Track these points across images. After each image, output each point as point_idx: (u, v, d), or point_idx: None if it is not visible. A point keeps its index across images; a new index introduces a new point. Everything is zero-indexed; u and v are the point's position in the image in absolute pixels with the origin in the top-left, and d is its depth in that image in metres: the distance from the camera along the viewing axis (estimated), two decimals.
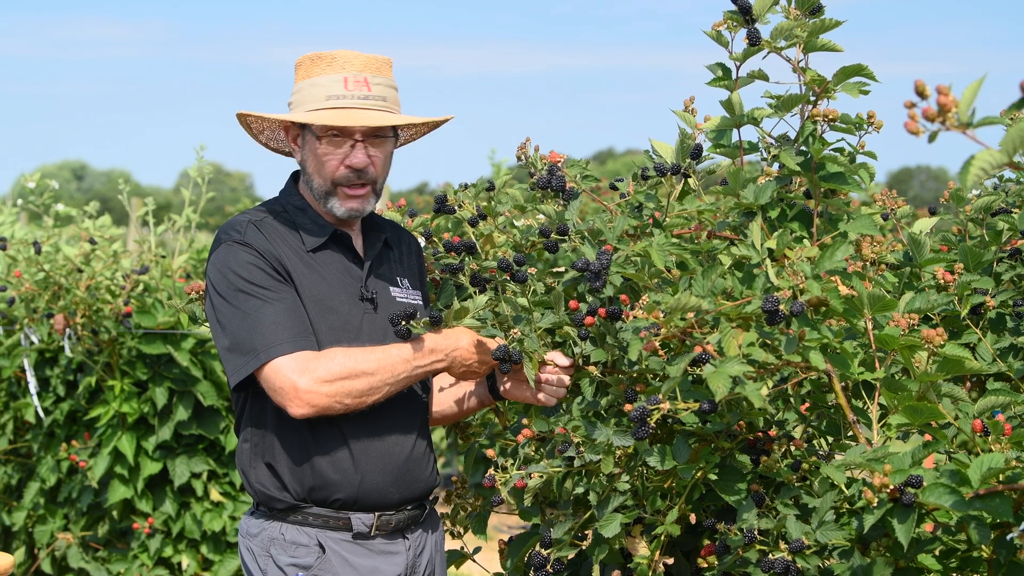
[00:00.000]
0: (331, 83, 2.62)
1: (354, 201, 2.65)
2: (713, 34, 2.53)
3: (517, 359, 2.53)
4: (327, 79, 2.63)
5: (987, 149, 1.50)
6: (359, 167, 2.62)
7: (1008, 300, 2.68)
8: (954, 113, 1.49)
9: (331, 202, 2.64)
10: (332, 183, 2.63)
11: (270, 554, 2.61)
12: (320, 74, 2.64)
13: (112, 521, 5.10)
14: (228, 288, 2.56)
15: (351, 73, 2.63)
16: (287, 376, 2.48)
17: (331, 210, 2.65)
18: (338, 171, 2.62)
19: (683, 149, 2.60)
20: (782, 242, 2.30)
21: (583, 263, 2.45)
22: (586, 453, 2.36)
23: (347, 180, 2.63)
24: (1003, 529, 2.00)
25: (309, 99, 2.63)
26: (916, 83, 1.49)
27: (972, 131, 1.49)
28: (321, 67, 2.65)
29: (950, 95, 1.48)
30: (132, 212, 5.64)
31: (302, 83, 2.66)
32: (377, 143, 2.64)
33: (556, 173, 2.71)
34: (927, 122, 1.50)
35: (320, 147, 2.62)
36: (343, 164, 2.62)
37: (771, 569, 2.10)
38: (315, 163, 2.64)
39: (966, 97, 1.50)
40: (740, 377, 2.09)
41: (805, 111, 2.52)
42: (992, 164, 1.51)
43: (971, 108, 1.50)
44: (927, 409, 2.11)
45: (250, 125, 2.80)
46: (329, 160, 2.62)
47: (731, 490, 2.29)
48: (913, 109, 1.50)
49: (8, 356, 5.23)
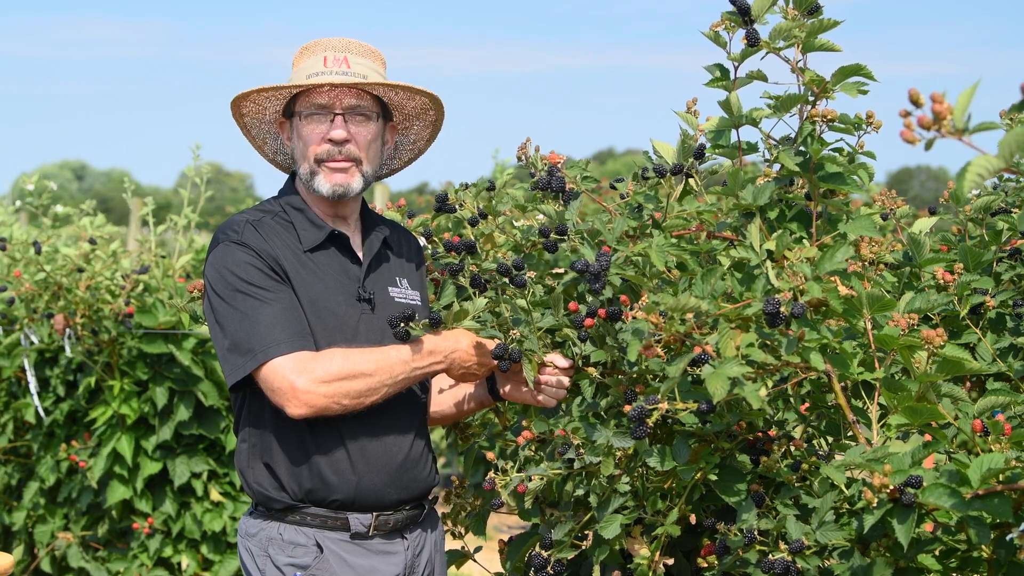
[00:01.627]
0: (312, 63, 2.67)
1: (338, 175, 2.64)
2: (711, 35, 2.52)
3: (516, 357, 2.53)
4: (309, 61, 2.69)
5: (984, 154, 1.50)
6: (339, 139, 2.63)
7: (1008, 300, 2.67)
8: (949, 120, 1.48)
9: (316, 181, 2.65)
10: (315, 160, 2.64)
11: (268, 554, 2.61)
12: (304, 60, 2.70)
13: (112, 521, 5.10)
14: (226, 288, 2.56)
15: (331, 53, 2.68)
16: (285, 376, 2.48)
17: (318, 189, 2.65)
18: (320, 146, 2.63)
19: (685, 150, 2.60)
20: (781, 243, 2.30)
21: (582, 264, 2.45)
22: (586, 455, 2.36)
23: (328, 154, 2.63)
24: (1003, 529, 2.00)
25: (293, 82, 2.68)
26: (910, 92, 1.49)
27: (968, 137, 1.49)
28: (307, 54, 2.70)
29: (944, 103, 1.48)
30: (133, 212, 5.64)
31: (293, 71, 2.72)
32: (359, 120, 2.66)
33: (556, 174, 2.71)
34: (923, 130, 1.50)
35: (303, 126, 2.64)
36: (323, 139, 2.63)
37: (771, 569, 2.10)
38: (300, 147, 2.66)
39: (960, 104, 1.49)
40: (739, 378, 2.09)
41: (804, 111, 2.51)
42: (989, 169, 1.50)
43: (966, 114, 1.49)
44: (927, 409, 2.11)
45: (252, 135, 2.81)
46: (311, 137, 2.64)
47: (731, 491, 2.28)
48: (908, 118, 1.50)
49: (8, 356, 5.23)
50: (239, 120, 2.78)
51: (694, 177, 2.60)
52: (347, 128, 2.63)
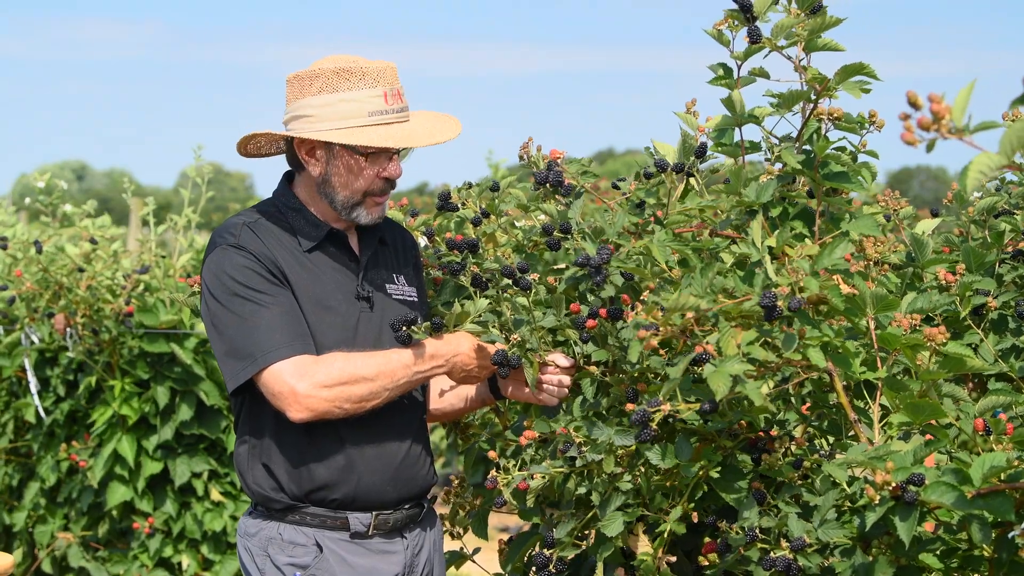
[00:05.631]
0: (369, 98, 2.58)
1: (378, 208, 2.67)
2: (714, 33, 2.52)
3: (516, 364, 2.53)
4: (363, 94, 2.58)
5: (985, 152, 1.50)
6: (396, 177, 2.64)
7: (1010, 301, 2.68)
8: (948, 120, 1.48)
9: (357, 212, 2.64)
10: (364, 194, 2.63)
11: (268, 554, 2.61)
12: (350, 88, 2.57)
13: (112, 521, 5.09)
14: (224, 292, 2.55)
15: (387, 87, 2.61)
16: (286, 381, 2.47)
17: (356, 219, 2.65)
18: (373, 183, 2.62)
19: (686, 149, 2.60)
20: (782, 239, 2.30)
21: (584, 258, 2.46)
22: (588, 453, 2.36)
23: (381, 191, 2.64)
24: (1004, 528, 2.00)
25: (346, 115, 2.57)
26: (908, 94, 1.49)
27: (969, 136, 1.49)
28: (353, 81, 2.58)
29: (942, 103, 1.48)
30: (133, 212, 5.64)
31: (328, 97, 2.57)
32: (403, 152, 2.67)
33: (554, 168, 2.72)
34: (923, 132, 1.50)
35: (359, 162, 2.60)
36: (378, 176, 2.62)
37: (773, 567, 2.10)
38: (346, 176, 2.61)
39: (959, 103, 1.49)
40: (740, 376, 2.08)
41: (807, 109, 2.51)
42: (991, 167, 1.50)
43: (965, 113, 1.49)
44: (929, 405, 2.10)
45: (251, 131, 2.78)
46: (367, 173, 2.61)
47: (732, 489, 2.28)
48: (908, 120, 1.50)
49: (8, 356, 5.22)
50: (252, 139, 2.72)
51: (695, 176, 2.60)
52: (399, 162, 2.65)
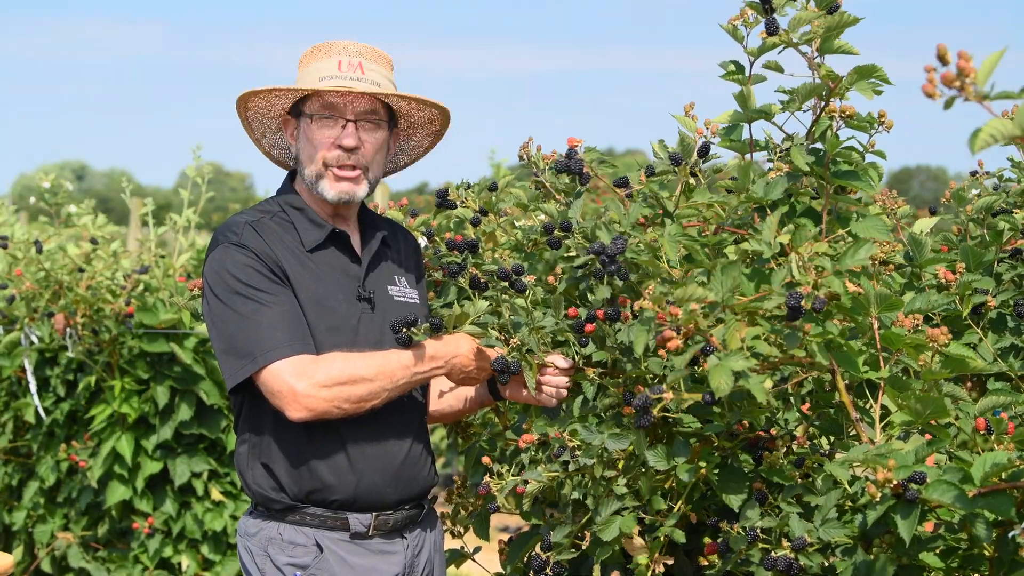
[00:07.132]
0: (325, 66, 2.65)
1: (344, 183, 2.63)
2: (729, 28, 2.49)
3: (516, 370, 2.53)
4: (322, 63, 2.66)
5: (998, 118, 1.48)
6: (349, 146, 2.61)
7: (1009, 300, 2.68)
8: (972, 80, 1.46)
9: (321, 185, 2.63)
10: (323, 164, 2.62)
11: (268, 554, 2.61)
12: (316, 61, 2.67)
13: (112, 521, 5.09)
14: (225, 291, 2.54)
15: (345, 57, 2.65)
16: (285, 380, 2.47)
17: (321, 193, 2.64)
18: (329, 151, 2.61)
19: (685, 149, 2.60)
20: (800, 237, 2.25)
21: (598, 246, 2.43)
22: (581, 457, 2.35)
23: (337, 160, 2.62)
24: (1005, 527, 2.00)
25: (303, 82, 2.66)
26: (938, 47, 1.45)
27: (988, 103, 1.47)
28: (319, 55, 2.67)
29: (970, 61, 1.45)
30: (133, 212, 5.64)
31: (300, 73, 2.70)
32: (369, 128, 2.64)
33: (574, 157, 2.69)
34: (944, 87, 1.47)
35: (312, 129, 2.62)
36: (334, 144, 2.61)
37: (774, 567, 2.10)
38: (308, 149, 2.64)
39: (986, 66, 1.46)
40: (744, 371, 2.07)
41: (818, 107, 2.49)
42: (1003, 133, 1.48)
43: (990, 79, 1.46)
44: (934, 401, 2.09)
45: (252, 128, 2.80)
46: (320, 141, 2.61)
47: (731, 490, 2.27)
48: (932, 72, 1.46)
49: (8, 355, 5.22)
50: (243, 114, 2.77)
51: (698, 175, 2.60)
52: (358, 135, 2.62)
